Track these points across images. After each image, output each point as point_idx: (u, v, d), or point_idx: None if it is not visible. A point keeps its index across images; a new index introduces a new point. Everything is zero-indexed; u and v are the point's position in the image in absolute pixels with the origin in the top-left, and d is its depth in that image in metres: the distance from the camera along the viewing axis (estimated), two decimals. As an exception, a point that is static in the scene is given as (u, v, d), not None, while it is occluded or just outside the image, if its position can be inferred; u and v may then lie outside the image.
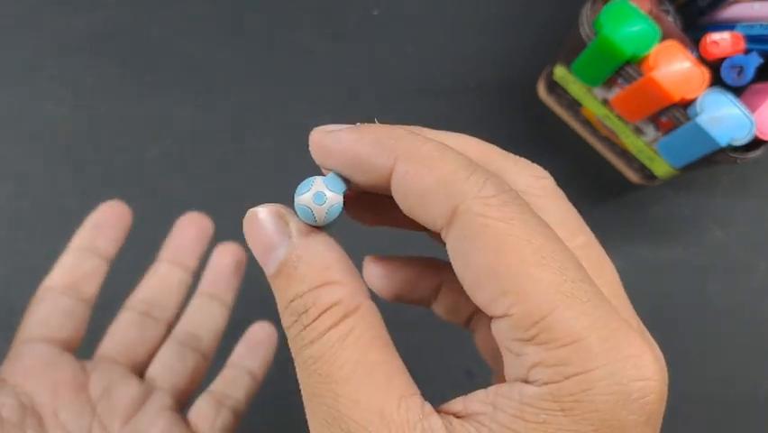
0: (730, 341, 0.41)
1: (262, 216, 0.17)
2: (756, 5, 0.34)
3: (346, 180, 0.17)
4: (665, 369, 0.16)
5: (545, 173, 0.19)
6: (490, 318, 0.15)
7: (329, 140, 0.17)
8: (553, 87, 0.42)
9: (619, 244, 0.42)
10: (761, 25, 0.33)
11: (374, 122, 0.17)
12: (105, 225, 0.30)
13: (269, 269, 0.17)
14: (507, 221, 0.15)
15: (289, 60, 0.44)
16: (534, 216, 0.15)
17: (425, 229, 0.18)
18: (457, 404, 0.15)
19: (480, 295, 0.15)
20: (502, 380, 0.17)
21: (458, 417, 0.15)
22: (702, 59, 0.34)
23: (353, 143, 0.16)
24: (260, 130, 0.42)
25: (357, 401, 0.15)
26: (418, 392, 0.15)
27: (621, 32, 0.33)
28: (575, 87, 0.40)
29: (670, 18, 0.36)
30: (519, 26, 0.45)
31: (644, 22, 0.33)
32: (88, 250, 0.29)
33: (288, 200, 0.18)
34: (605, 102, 0.38)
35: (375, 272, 0.23)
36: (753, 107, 0.33)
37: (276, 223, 0.17)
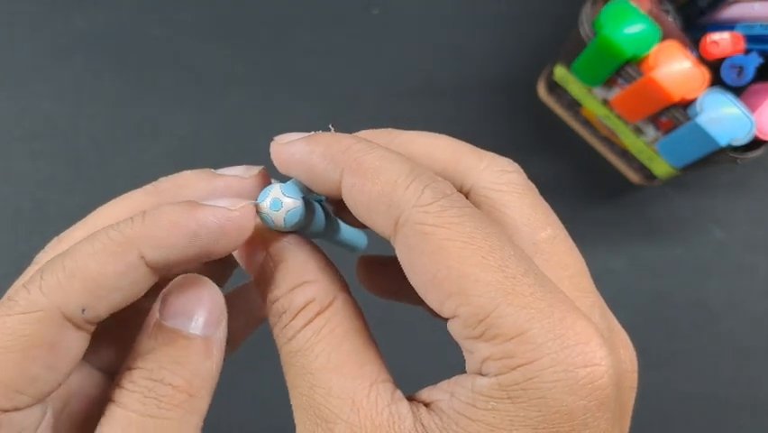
0: (730, 341, 0.41)
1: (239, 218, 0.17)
2: (756, 5, 0.34)
3: (307, 188, 0.18)
4: (624, 355, 0.17)
5: (514, 167, 0.19)
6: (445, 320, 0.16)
7: (284, 152, 0.18)
8: (554, 87, 0.42)
9: (619, 243, 0.42)
10: (761, 25, 0.33)
11: (329, 129, 0.18)
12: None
13: (251, 274, 0.18)
14: (446, 226, 0.15)
15: (289, 60, 0.44)
16: (474, 217, 0.15)
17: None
18: (425, 392, 0.16)
19: (430, 299, 0.16)
20: None
21: (425, 404, 0.16)
22: (702, 60, 0.34)
23: (304, 156, 0.17)
24: (260, 130, 0.42)
25: (330, 390, 0.16)
26: (390, 379, 0.16)
27: (621, 32, 0.33)
28: (575, 88, 0.40)
29: (670, 18, 0.36)
30: (519, 26, 0.45)
31: (644, 22, 0.33)
32: None
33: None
34: (605, 102, 0.38)
35: (367, 272, 0.24)
36: (753, 107, 0.33)
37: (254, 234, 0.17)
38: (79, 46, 0.43)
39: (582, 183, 0.43)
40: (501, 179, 0.18)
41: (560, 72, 0.40)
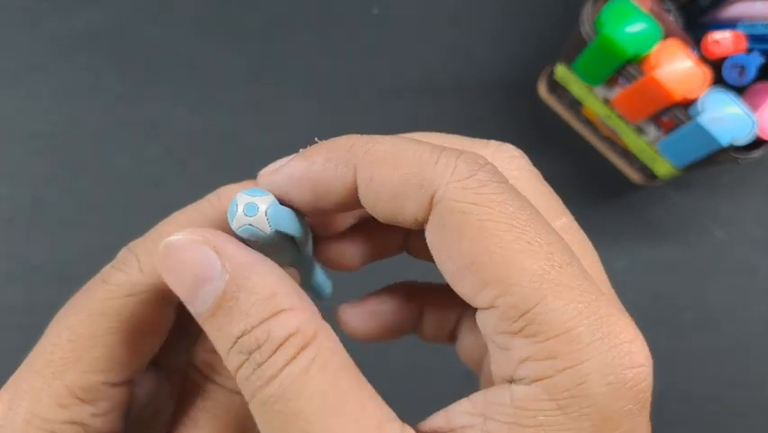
0: (731, 341, 0.41)
1: (184, 245, 0.14)
2: (758, 4, 0.34)
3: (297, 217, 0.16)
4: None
5: (519, 152, 0.18)
6: (475, 310, 0.14)
7: (280, 179, 0.16)
8: (554, 86, 0.42)
9: (620, 243, 0.42)
10: (762, 24, 0.33)
11: (315, 142, 0.16)
12: None
13: (199, 307, 0.14)
14: (487, 204, 0.13)
15: (289, 60, 0.44)
16: (514, 195, 0.14)
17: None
18: (438, 419, 0.14)
19: (464, 287, 0.14)
20: (489, 384, 0.16)
21: None
22: (704, 59, 0.34)
23: (306, 172, 0.15)
24: (260, 130, 0.42)
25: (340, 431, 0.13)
26: (395, 416, 0.14)
27: (622, 31, 0.33)
28: (576, 87, 0.39)
29: (671, 17, 0.36)
30: (520, 25, 0.45)
31: (645, 21, 0.33)
32: None
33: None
34: (606, 101, 0.38)
35: (354, 319, 0.21)
36: (754, 107, 0.33)
37: (203, 251, 0.14)
38: (79, 45, 0.43)
39: (583, 183, 0.43)
40: (511, 164, 0.17)
41: (561, 71, 0.40)
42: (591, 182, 0.43)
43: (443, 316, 0.21)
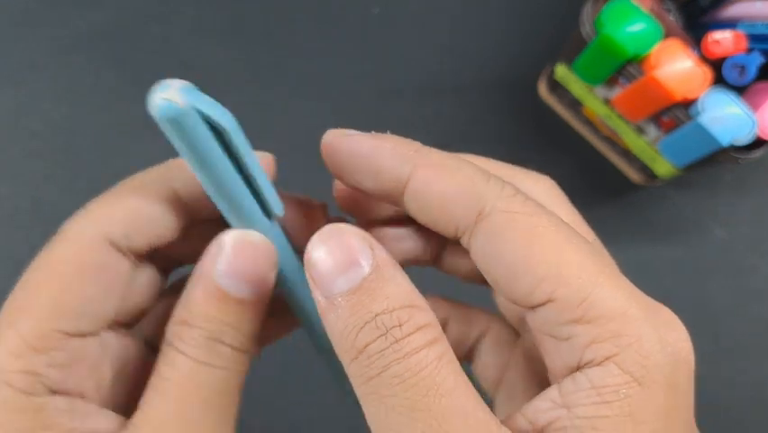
0: (731, 341, 0.41)
1: (350, 232, 0.16)
2: (758, 4, 0.34)
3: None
4: None
5: (547, 178, 0.20)
6: (529, 310, 0.15)
7: (347, 143, 0.17)
8: (555, 86, 0.42)
9: (620, 243, 0.42)
10: (763, 24, 0.33)
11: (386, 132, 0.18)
12: None
13: (342, 284, 0.15)
14: (534, 213, 0.15)
15: (289, 60, 0.43)
16: (551, 211, 0.16)
17: None
18: (519, 421, 0.15)
19: (517, 288, 0.15)
20: (508, 407, 0.18)
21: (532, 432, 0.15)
22: (704, 59, 0.34)
23: (373, 150, 0.17)
24: (260, 130, 0.42)
25: (466, 415, 0.14)
26: (499, 423, 0.15)
27: (622, 30, 0.33)
28: (576, 87, 0.39)
29: (671, 17, 0.36)
30: (520, 25, 0.45)
31: (645, 20, 0.33)
32: None
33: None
34: (606, 101, 0.38)
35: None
36: (755, 107, 0.33)
37: (362, 241, 0.16)
38: (79, 45, 0.43)
39: (583, 183, 0.43)
40: (550, 192, 0.19)
41: (561, 71, 0.40)
42: (591, 182, 0.43)
43: (465, 332, 0.23)
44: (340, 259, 0.15)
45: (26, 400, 0.15)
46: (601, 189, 0.43)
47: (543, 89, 0.43)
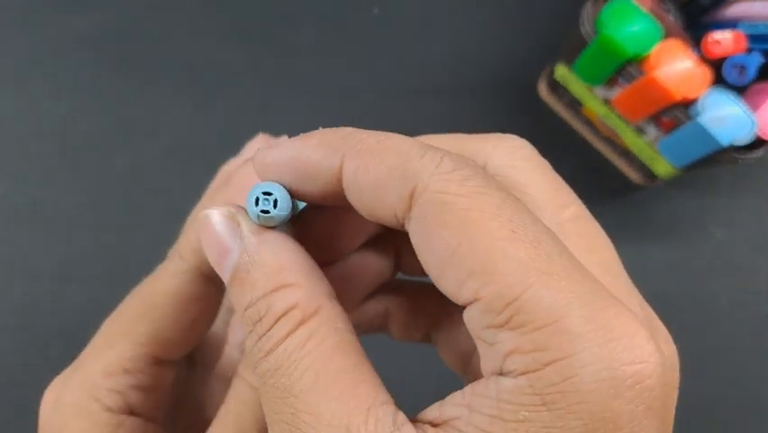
0: (732, 341, 0.41)
1: (215, 219, 0.15)
2: (758, 4, 0.34)
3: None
4: (667, 351, 0.15)
5: (523, 142, 0.17)
6: (462, 309, 0.13)
7: (272, 154, 0.16)
8: (555, 86, 0.42)
9: (620, 243, 0.42)
10: (763, 24, 0.33)
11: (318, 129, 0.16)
12: None
13: (224, 275, 0.15)
14: (470, 196, 0.13)
15: (289, 60, 0.43)
16: (500, 188, 0.13)
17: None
18: (433, 411, 0.14)
19: (446, 281, 0.13)
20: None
21: (434, 425, 0.13)
22: (704, 59, 0.34)
23: (297, 151, 0.15)
24: (260, 130, 0.42)
25: (319, 416, 0.13)
26: (390, 400, 0.14)
27: (622, 30, 0.33)
28: (576, 87, 0.39)
29: (671, 17, 0.36)
30: (520, 25, 0.45)
31: (645, 20, 0.33)
32: None
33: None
34: (606, 101, 0.38)
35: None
36: (754, 107, 0.33)
37: (228, 225, 0.15)
38: (78, 45, 0.43)
39: (583, 183, 0.43)
40: (515, 154, 0.17)
41: (561, 71, 0.40)
42: (591, 182, 0.43)
43: (409, 316, 0.21)
44: (213, 249, 0.15)
45: (108, 416, 0.17)
46: (601, 189, 0.43)
47: (543, 89, 0.43)
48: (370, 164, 0.14)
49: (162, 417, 0.19)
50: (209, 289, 0.19)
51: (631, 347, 0.12)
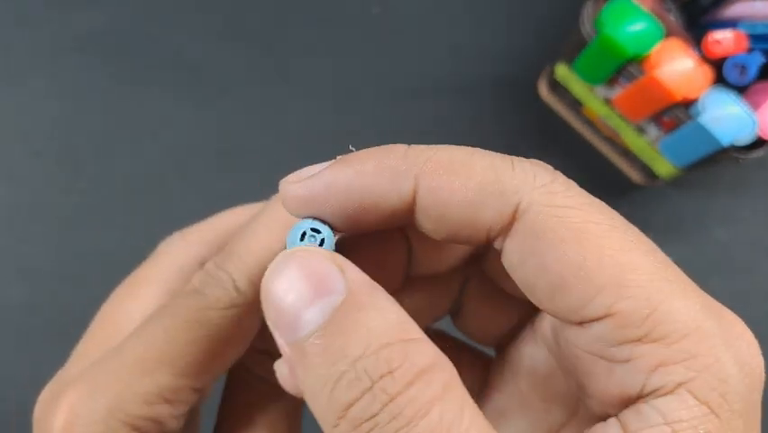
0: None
1: (310, 256, 0.13)
2: (759, 4, 0.34)
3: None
4: None
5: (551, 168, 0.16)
6: (575, 326, 0.13)
7: (316, 186, 0.13)
8: (555, 86, 0.42)
9: (621, 243, 0.42)
10: (764, 24, 0.33)
11: (350, 150, 0.14)
12: None
13: (309, 323, 0.12)
14: (581, 207, 0.13)
15: (289, 60, 0.43)
16: (599, 201, 0.13)
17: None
18: None
19: (565, 300, 0.12)
20: (513, 370, 0.17)
21: None
22: (705, 58, 0.34)
23: (354, 180, 0.13)
24: (260, 130, 0.42)
25: None
26: None
27: (623, 30, 0.33)
28: (577, 87, 0.39)
29: (672, 16, 0.36)
30: (520, 25, 0.45)
31: (646, 20, 0.33)
32: None
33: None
34: (607, 101, 0.38)
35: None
36: (755, 106, 0.33)
37: (327, 264, 0.12)
38: (79, 45, 0.43)
39: (584, 183, 0.43)
40: (554, 181, 0.15)
41: (561, 71, 0.40)
42: (592, 182, 0.43)
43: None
44: (302, 290, 0.12)
45: None
46: (601, 189, 0.43)
47: (543, 89, 0.43)
48: (455, 183, 0.13)
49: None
50: (257, 321, 0.18)
51: (750, 344, 0.13)
